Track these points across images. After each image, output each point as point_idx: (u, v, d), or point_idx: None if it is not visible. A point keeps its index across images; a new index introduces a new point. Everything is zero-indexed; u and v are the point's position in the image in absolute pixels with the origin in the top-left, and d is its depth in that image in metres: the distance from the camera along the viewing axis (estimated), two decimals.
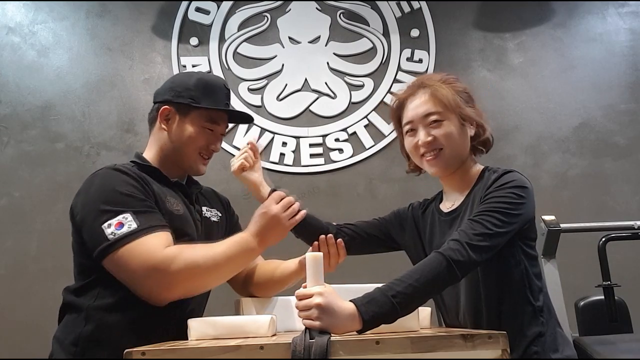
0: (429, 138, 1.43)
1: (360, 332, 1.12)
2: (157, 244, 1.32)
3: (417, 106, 1.45)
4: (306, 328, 1.11)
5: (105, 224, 1.33)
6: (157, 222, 1.37)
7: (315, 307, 1.11)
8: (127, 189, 1.38)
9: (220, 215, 1.67)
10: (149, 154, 1.58)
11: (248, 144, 1.64)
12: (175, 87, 1.57)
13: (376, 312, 1.11)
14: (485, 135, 1.49)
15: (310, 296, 1.13)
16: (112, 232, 1.32)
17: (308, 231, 1.57)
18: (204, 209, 1.62)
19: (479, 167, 1.50)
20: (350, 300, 1.13)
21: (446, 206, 1.51)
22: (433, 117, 1.42)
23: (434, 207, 1.56)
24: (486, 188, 1.36)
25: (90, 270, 1.40)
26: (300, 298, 1.15)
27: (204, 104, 1.55)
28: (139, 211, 1.36)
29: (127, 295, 1.35)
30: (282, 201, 1.47)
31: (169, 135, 1.56)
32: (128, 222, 1.33)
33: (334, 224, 1.65)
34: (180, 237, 1.42)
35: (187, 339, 1.28)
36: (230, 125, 1.74)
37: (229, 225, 1.72)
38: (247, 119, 1.75)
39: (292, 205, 1.48)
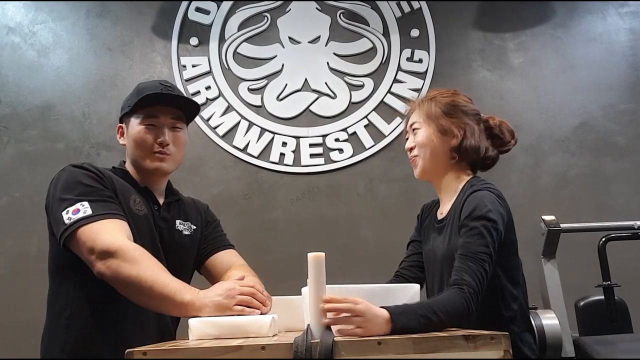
0: (412, 144, 1.66)
1: None
2: (110, 228, 1.38)
3: (409, 119, 1.71)
4: (307, 328, 1.12)
5: (64, 211, 1.41)
6: (112, 210, 1.43)
7: (357, 314, 1.14)
8: (87, 181, 1.46)
9: (194, 227, 1.68)
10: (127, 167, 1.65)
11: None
12: (122, 104, 1.65)
13: (405, 323, 1.17)
14: (468, 143, 1.59)
15: (344, 303, 1.15)
16: (68, 217, 1.40)
17: None
18: (177, 222, 1.64)
19: (466, 177, 1.61)
20: (385, 308, 1.17)
21: (440, 212, 1.66)
22: (415, 125, 1.66)
23: (434, 210, 1.71)
24: (460, 205, 1.49)
25: (63, 269, 1.54)
26: (330, 302, 1.16)
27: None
28: (96, 200, 1.43)
29: (96, 307, 1.46)
30: (246, 287, 1.35)
31: (127, 148, 1.62)
32: (84, 208, 1.41)
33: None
34: (139, 237, 1.46)
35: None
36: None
37: (203, 234, 1.71)
38: (193, 106, 1.65)
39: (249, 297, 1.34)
